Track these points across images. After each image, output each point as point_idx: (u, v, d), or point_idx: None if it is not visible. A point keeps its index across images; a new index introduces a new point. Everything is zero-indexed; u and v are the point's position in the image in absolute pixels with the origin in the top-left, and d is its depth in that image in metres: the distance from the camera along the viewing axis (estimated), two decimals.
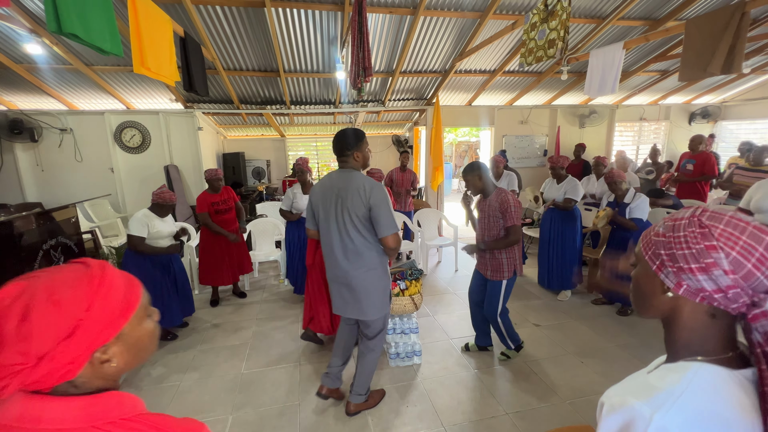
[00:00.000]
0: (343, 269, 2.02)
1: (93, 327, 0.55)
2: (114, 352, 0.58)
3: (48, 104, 5.28)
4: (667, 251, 0.62)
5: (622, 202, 3.34)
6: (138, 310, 0.62)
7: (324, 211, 2.02)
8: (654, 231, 0.67)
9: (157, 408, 2.38)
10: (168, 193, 3.00)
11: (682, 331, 0.64)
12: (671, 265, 0.62)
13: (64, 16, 1.63)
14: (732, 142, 7.27)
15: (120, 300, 0.59)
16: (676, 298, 0.63)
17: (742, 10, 2.75)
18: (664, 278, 0.63)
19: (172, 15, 3.48)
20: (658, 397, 0.57)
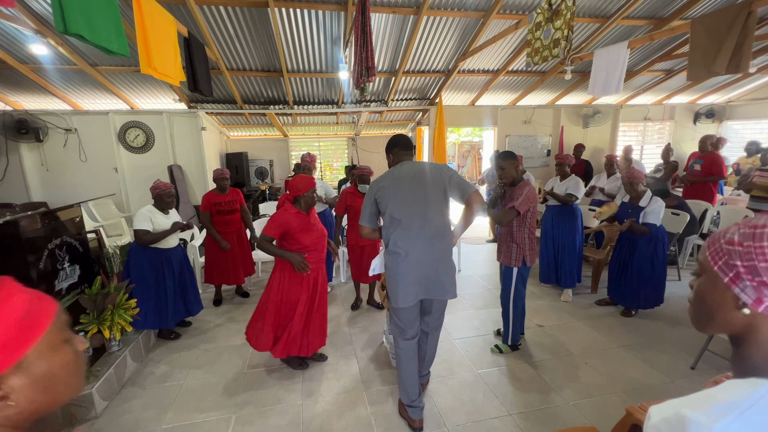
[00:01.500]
0: (429, 253, 2.01)
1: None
2: (12, 387, 0.46)
3: (53, 104, 5.31)
4: (745, 262, 0.55)
5: (637, 205, 3.25)
6: (48, 333, 0.50)
7: (403, 200, 2.01)
8: (726, 238, 0.59)
9: (161, 407, 2.39)
10: (162, 183, 3.02)
11: (757, 348, 0.57)
12: (750, 279, 0.55)
13: (70, 17, 1.64)
14: (737, 142, 7.21)
15: (18, 318, 0.47)
16: (754, 315, 0.56)
17: (749, 9, 2.73)
18: (740, 292, 0.57)
19: (176, 15, 3.49)
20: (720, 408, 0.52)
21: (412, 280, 2.01)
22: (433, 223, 2.01)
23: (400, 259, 2.01)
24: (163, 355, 3.01)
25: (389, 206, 2.02)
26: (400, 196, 2.01)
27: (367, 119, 6.93)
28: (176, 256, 3.17)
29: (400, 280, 2.02)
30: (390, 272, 2.07)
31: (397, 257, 2.01)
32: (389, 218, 2.03)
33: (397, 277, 2.02)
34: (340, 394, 2.49)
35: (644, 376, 2.58)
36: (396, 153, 2.17)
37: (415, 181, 2.03)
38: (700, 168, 5.01)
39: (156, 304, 3.01)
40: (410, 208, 2.00)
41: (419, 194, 2.01)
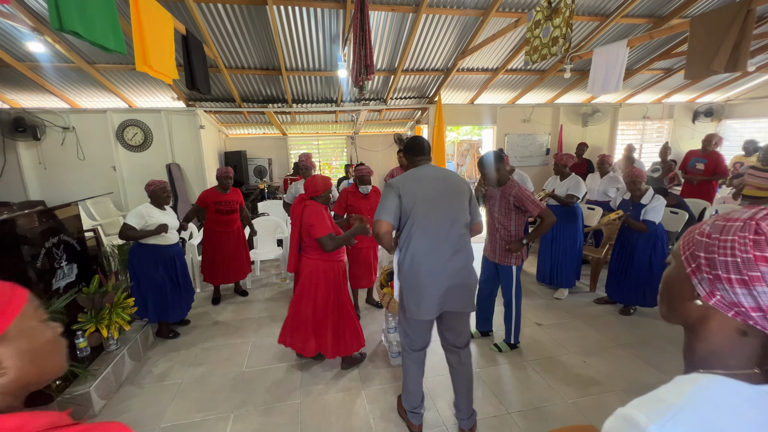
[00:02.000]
0: (454, 262, 1.88)
1: None
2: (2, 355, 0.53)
3: (50, 102, 5.29)
4: (707, 254, 0.55)
5: (638, 202, 3.24)
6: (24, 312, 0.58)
7: (428, 204, 1.86)
8: (699, 229, 0.58)
9: (160, 405, 2.39)
10: (155, 180, 3.03)
11: (704, 343, 0.58)
12: (708, 271, 0.54)
13: (65, 14, 1.63)
14: (736, 140, 7.22)
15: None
16: (706, 308, 0.56)
17: (748, 7, 2.72)
18: (697, 284, 0.56)
19: (173, 13, 3.47)
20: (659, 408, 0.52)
21: (435, 293, 1.86)
22: (458, 231, 1.90)
23: (424, 269, 1.85)
24: (162, 354, 3.01)
25: (415, 207, 1.85)
26: (425, 198, 1.86)
27: (366, 118, 6.92)
28: (176, 253, 3.18)
29: (424, 292, 1.86)
30: (410, 281, 1.89)
31: (419, 266, 1.85)
32: (412, 221, 1.86)
33: (420, 289, 1.87)
34: (338, 392, 2.48)
35: (643, 374, 2.58)
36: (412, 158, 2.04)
37: (439, 185, 1.91)
38: (704, 167, 5.00)
39: (154, 299, 3.02)
40: (436, 212, 1.87)
41: (444, 199, 1.90)
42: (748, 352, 0.54)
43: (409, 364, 2.07)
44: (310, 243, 2.48)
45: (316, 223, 2.37)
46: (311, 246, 2.49)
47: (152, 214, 2.97)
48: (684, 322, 0.61)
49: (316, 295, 2.53)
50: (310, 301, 2.54)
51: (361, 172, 3.41)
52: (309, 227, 2.39)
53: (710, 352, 0.57)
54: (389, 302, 2.69)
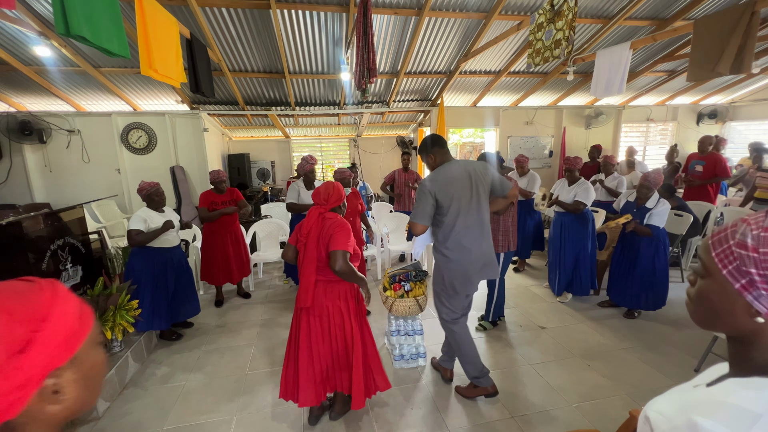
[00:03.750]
0: (484, 248, 2.24)
1: (49, 342, 0.46)
2: (66, 380, 0.49)
3: (56, 106, 5.34)
4: (762, 271, 0.51)
5: (643, 205, 3.20)
6: (93, 330, 0.54)
7: (459, 200, 2.15)
8: (736, 241, 0.54)
9: (163, 408, 2.39)
10: (147, 183, 3.01)
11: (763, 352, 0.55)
12: (767, 289, 0.51)
13: (72, 19, 1.65)
14: (740, 142, 7.18)
15: (76, 316, 0.51)
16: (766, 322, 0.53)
17: (752, 10, 2.72)
18: (753, 301, 0.53)
19: (178, 17, 3.51)
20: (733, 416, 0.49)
21: (476, 270, 2.24)
22: (484, 217, 2.24)
23: (466, 254, 2.19)
24: (165, 356, 3.01)
25: (452, 206, 2.13)
26: (458, 196, 2.14)
27: (369, 120, 6.94)
28: (176, 256, 3.17)
29: (472, 273, 2.23)
30: (455, 267, 2.20)
31: (463, 253, 2.19)
32: (452, 217, 2.15)
33: (468, 271, 2.22)
34: None
35: (648, 378, 2.56)
36: (437, 152, 2.24)
37: (467, 180, 2.17)
38: (702, 169, 4.98)
39: (152, 303, 3.00)
40: (469, 206, 2.16)
41: (474, 193, 2.18)
42: None
43: (462, 332, 2.35)
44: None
45: (337, 233, 1.95)
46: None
47: (152, 217, 2.97)
48: (734, 334, 0.58)
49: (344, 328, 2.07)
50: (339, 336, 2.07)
51: (341, 175, 3.34)
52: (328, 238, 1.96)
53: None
54: (392, 305, 2.68)
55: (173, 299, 3.11)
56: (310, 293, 1.99)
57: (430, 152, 2.25)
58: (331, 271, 1.97)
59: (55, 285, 0.52)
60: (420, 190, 2.16)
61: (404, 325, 2.77)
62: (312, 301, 2.00)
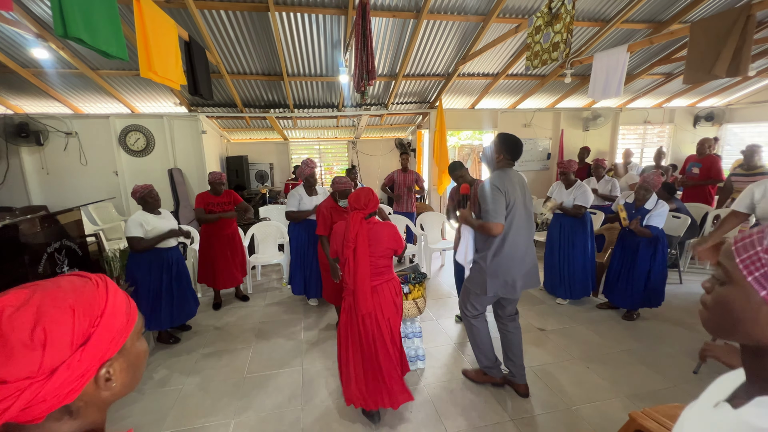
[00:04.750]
0: (529, 257, 2.33)
1: (104, 336, 0.52)
2: (116, 369, 0.55)
3: (54, 108, 5.33)
4: None
5: (642, 207, 3.20)
6: (138, 322, 0.60)
7: (519, 205, 2.23)
8: (764, 246, 0.52)
9: (160, 412, 2.37)
10: (140, 186, 2.98)
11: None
12: None
13: (70, 21, 1.65)
14: (737, 145, 7.23)
15: (125, 310, 0.56)
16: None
17: (748, 12, 2.74)
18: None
19: (176, 19, 3.50)
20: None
21: (520, 277, 2.28)
22: (532, 229, 2.34)
23: (512, 261, 2.25)
24: (162, 360, 2.99)
25: (513, 207, 2.20)
26: (517, 203, 2.21)
27: (368, 122, 6.94)
28: (174, 256, 3.15)
29: (517, 279, 2.27)
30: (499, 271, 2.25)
31: (509, 259, 2.24)
32: (510, 218, 2.21)
33: (513, 277, 2.26)
34: (340, 398, 2.46)
35: (647, 380, 2.56)
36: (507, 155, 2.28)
37: (522, 189, 2.27)
38: (699, 171, 5.00)
39: (152, 305, 2.99)
40: (522, 215, 2.25)
41: (526, 202, 2.28)
42: None
43: (481, 327, 2.46)
44: (385, 264, 2.12)
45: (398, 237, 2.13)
46: (386, 266, 2.14)
47: (148, 220, 2.94)
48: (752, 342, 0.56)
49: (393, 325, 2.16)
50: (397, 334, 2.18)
51: (344, 186, 3.06)
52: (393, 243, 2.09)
53: None
54: None
55: (171, 301, 3.09)
56: (369, 299, 2.03)
57: (501, 151, 2.27)
58: (382, 274, 2.09)
59: (106, 281, 0.57)
60: (492, 190, 2.15)
61: (403, 328, 2.76)
62: (373, 306, 2.06)
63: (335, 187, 3.07)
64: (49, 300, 0.49)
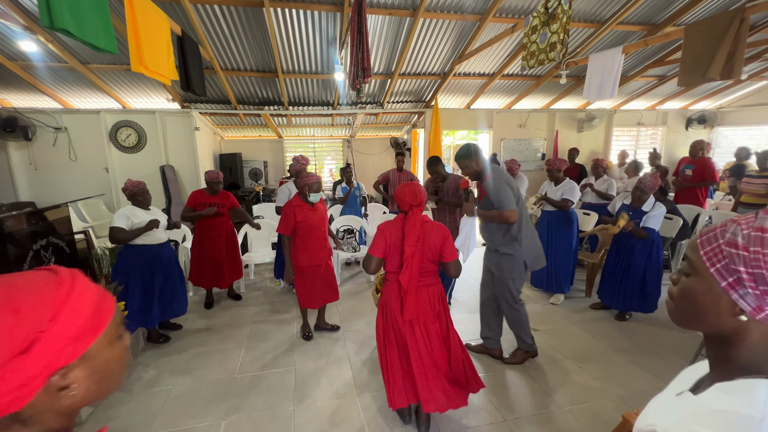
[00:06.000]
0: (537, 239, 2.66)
1: (55, 342, 0.46)
2: (75, 377, 0.49)
3: (42, 102, 5.22)
4: (749, 269, 0.52)
5: (639, 208, 3.23)
6: (109, 327, 0.52)
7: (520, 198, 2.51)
8: (725, 239, 0.55)
9: (149, 413, 2.33)
10: (132, 181, 2.93)
11: (745, 352, 0.56)
12: (753, 287, 0.52)
13: (56, 11, 1.60)
14: (728, 147, 7.32)
15: (90, 312, 0.50)
16: (749, 321, 0.54)
17: (742, 16, 2.76)
18: (738, 299, 0.54)
19: (169, 13, 3.45)
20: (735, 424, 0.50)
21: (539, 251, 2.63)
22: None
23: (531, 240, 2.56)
24: (152, 359, 2.94)
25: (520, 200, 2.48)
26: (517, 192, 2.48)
27: (363, 121, 6.91)
28: (166, 253, 3.10)
29: (539, 253, 2.61)
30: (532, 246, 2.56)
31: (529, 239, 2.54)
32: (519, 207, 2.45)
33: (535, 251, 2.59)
34: (332, 399, 2.44)
35: (639, 380, 2.57)
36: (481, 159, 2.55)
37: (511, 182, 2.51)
38: (692, 173, 5.05)
39: (141, 302, 2.93)
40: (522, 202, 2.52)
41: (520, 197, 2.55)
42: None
43: (522, 309, 2.71)
44: (432, 269, 2.03)
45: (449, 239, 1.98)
46: (432, 271, 2.04)
47: (136, 214, 2.89)
48: (715, 333, 0.59)
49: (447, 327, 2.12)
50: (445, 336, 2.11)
51: (311, 180, 2.88)
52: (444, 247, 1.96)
53: (750, 359, 0.56)
54: None
55: (162, 297, 3.04)
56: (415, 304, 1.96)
57: (474, 158, 2.52)
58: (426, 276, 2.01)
59: (75, 279, 0.51)
60: (497, 183, 2.42)
61: None
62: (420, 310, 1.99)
63: (306, 181, 2.85)
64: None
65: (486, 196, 2.55)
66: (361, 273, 4.85)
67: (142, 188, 2.95)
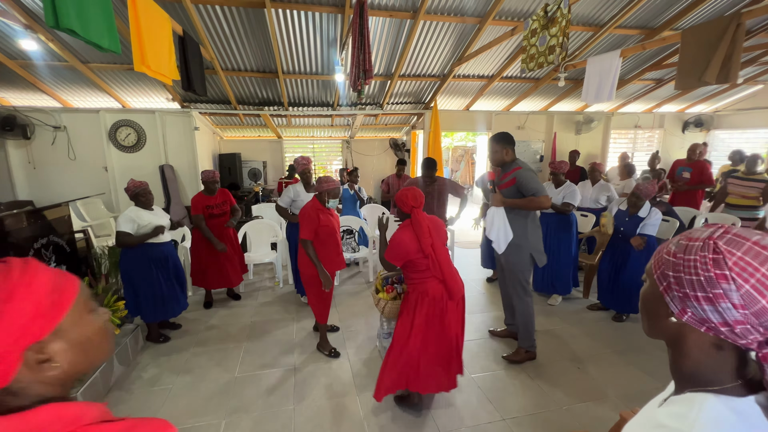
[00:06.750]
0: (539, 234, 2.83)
1: (16, 319, 0.49)
2: (54, 351, 0.53)
3: (42, 101, 5.21)
4: (675, 273, 0.57)
5: (636, 214, 3.25)
6: (76, 302, 0.57)
7: None
8: (666, 248, 0.61)
9: (149, 412, 2.33)
10: (134, 181, 2.94)
11: (686, 359, 0.60)
12: (677, 290, 0.57)
13: (62, 12, 1.61)
14: (724, 150, 7.38)
15: (48, 290, 0.54)
16: (681, 325, 0.59)
17: (738, 21, 2.79)
18: (669, 302, 0.59)
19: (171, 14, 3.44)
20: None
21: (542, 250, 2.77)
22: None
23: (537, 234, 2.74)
24: (152, 359, 2.95)
25: None
26: None
27: (362, 122, 6.93)
28: (168, 251, 3.12)
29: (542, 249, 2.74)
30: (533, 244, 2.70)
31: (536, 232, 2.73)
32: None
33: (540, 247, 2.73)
34: (332, 398, 2.46)
35: (637, 381, 2.60)
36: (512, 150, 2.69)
37: None
38: (690, 176, 5.09)
39: (145, 299, 2.95)
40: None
41: None
42: (728, 365, 0.56)
43: (531, 302, 2.80)
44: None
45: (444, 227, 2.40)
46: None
47: (141, 216, 2.90)
48: (665, 338, 0.64)
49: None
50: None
51: (334, 185, 2.81)
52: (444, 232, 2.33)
53: (694, 368, 0.59)
54: (384, 307, 2.67)
55: (163, 295, 3.05)
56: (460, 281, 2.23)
57: (506, 147, 2.67)
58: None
59: (26, 264, 0.54)
60: (530, 175, 2.58)
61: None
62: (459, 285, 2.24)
63: (324, 186, 2.80)
64: None
65: (513, 186, 2.66)
66: (360, 273, 4.87)
67: (144, 188, 2.96)
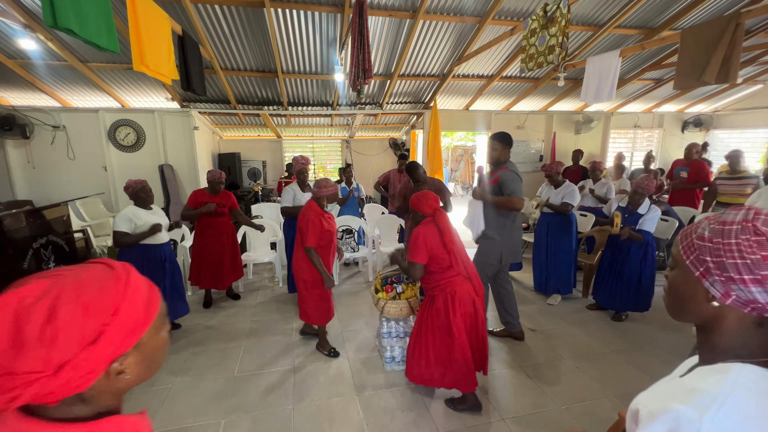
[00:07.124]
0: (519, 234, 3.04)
1: (117, 333, 0.51)
2: (129, 363, 0.54)
3: (41, 101, 5.20)
4: (714, 258, 0.58)
5: (635, 211, 3.27)
6: (157, 318, 0.58)
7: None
8: (697, 234, 0.62)
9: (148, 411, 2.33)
10: (133, 180, 2.93)
11: (723, 337, 0.61)
12: (719, 274, 0.58)
13: (60, 11, 1.61)
14: (723, 150, 7.37)
15: (143, 306, 0.55)
16: (721, 307, 0.59)
17: (737, 21, 2.79)
18: (709, 287, 0.59)
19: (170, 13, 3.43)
20: (703, 400, 0.54)
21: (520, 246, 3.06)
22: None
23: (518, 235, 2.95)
24: None
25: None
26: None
27: (362, 122, 6.93)
28: (167, 253, 3.11)
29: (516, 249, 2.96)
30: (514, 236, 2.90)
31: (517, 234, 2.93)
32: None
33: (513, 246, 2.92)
34: (331, 398, 2.46)
35: (636, 380, 2.60)
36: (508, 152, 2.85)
37: None
38: (687, 175, 5.10)
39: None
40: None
41: None
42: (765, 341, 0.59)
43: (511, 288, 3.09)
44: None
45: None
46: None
47: (139, 215, 2.90)
48: (698, 322, 0.65)
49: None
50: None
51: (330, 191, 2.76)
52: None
53: (730, 344, 0.61)
54: (384, 307, 2.67)
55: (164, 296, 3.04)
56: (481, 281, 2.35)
57: (505, 146, 2.82)
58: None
59: (129, 274, 0.56)
60: (512, 176, 2.72)
61: (396, 328, 2.76)
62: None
63: (324, 192, 2.73)
64: (65, 295, 0.49)
65: (496, 184, 2.78)
66: (359, 273, 4.87)
67: (144, 186, 2.96)
